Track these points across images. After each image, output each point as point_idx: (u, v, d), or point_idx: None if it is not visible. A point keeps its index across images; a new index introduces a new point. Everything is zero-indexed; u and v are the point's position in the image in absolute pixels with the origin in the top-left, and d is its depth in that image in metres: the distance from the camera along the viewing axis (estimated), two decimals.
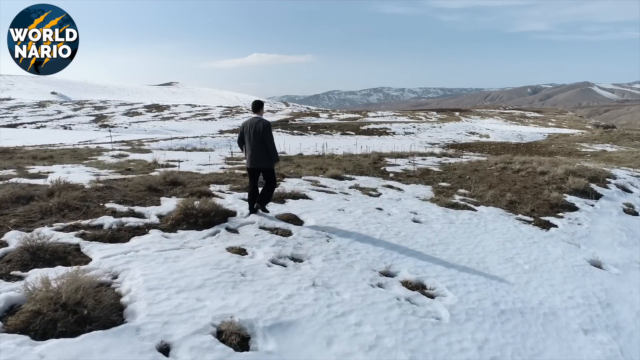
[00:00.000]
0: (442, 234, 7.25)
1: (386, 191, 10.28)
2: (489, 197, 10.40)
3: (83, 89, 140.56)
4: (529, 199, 10.55)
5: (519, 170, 13.65)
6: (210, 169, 12.37)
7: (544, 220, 9.15)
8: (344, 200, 8.63)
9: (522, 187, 11.54)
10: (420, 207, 8.96)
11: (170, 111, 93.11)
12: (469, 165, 15.57)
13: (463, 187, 11.51)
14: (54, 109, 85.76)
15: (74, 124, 64.25)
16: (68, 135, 49.50)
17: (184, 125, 76.10)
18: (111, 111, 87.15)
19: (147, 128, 65.85)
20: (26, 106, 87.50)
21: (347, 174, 12.61)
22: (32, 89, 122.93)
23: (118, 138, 44.90)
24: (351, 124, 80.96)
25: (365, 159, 17.07)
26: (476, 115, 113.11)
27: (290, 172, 11.96)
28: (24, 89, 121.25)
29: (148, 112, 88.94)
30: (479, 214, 8.98)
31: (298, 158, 17.68)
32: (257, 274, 4.58)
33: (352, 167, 14.41)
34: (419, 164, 16.37)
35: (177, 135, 57.86)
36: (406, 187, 11.07)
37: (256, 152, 6.50)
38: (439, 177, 13.21)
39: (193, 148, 28.90)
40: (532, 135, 71.23)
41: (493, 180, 12.50)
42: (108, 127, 63.17)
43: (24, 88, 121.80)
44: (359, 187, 10.29)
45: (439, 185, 11.75)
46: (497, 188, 11.44)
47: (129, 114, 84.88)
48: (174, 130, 64.96)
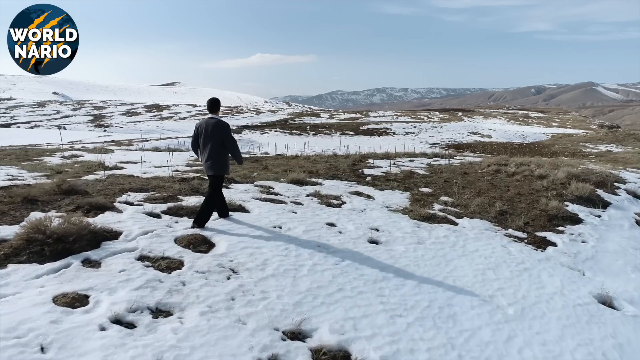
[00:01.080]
0: (402, 260, 5.48)
1: (352, 199, 8.52)
2: (475, 207, 8.61)
3: (85, 89, 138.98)
4: (523, 208, 8.75)
5: (514, 173, 11.82)
6: (158, 172, 10.67)
7: (539, 237, 7.36)
8: (289, 213, 6.87)
9: (515, 194, 9.73)
10: (387, 220, 7.19)
11: (169, 111, 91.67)
12: (459, 167, 13.77)
13: (447, 194, 9.73)
14: (53, 108, 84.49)
15: (69, 124, 62.77)
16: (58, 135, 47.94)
17: (182, 125, 74.55)
18: (110, 111, 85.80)
19: (143, 128, 64.33)
20: (25, 106, 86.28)
21: (315, 178, 10.88)
22: (34, 89, 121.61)
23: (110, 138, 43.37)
24: (351, 124, 79.18)
25: (345, 159, 15.31)
26: (479, 115, 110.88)
27: (247, 175, 10.23)
28: (26, 89, 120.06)
29: (147, 112, 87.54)
30: (459, 230, 7.20)
31: (273, 159, 15.94)
32: (67, 347, 2.85)
33: (326, 169, 12.67)
34: (405, 166, 14.60)
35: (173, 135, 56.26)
36: (379, 194, 9.30)
37: (212, 157, 5.79)
38: (422, 181, 11.43)
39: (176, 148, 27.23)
40: (535, 135, 69.11)
41: (483, 185, 10.69)
42: (103, 127, 61.73)
43: (25, 88, 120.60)
44: (319, 195, 8.53)
45: (419, 192, 9.97)
46: (486, 195, 9.64)
47: (128, 113, 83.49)
48: (171, 130, 63.37)
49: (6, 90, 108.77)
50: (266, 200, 7.60)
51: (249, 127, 74.19)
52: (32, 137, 43.24)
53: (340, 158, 16.11)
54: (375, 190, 9.82)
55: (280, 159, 16.15)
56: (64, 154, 14.78)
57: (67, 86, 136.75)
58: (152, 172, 10.83)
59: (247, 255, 4.79)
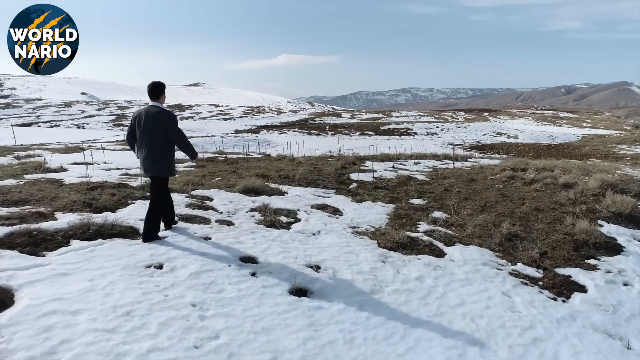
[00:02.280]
0: (326, 332, 3.36)
1: (310, 216, 6.41)
2: (475, 228, 6.37)
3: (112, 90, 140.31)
4: (540, 231, 6.46)
5: (533, 181, 9.44)
6: (102, 177, 8.82)
7: (561, 277, 5.09)
8: (192, 241, 4.81)
9: (532, 210, 7.41)
10: (340, 251, 5.05)
11: (191, 111, 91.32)
12: (466, 172, 11.45)
13: (442, 208, 7.50)
14: (79, 108, 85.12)
15: (89, 123, 62.65)
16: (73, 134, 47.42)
17: (201, 125, 73.81)
18: (133, 111, 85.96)
19: None
20: (52, 106, 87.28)
21: (287, 184, 8.84)
22: (63, 89, 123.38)
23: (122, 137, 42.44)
24: (371, 124, 76.77)
25: (337, 162, 13.19)
26: (506, 116, 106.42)
27: (194, 182, 8.24)
28: (56, 89, 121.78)
29: None
30: (444, 266, 5.01)
31: (257, 161, 13.96)
32: None
33: (306, 173, 10.59)
34: (406, 170, 12.39)
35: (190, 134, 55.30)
36: (351, 208, 7.15)
37: (151, 153, 4.73)
38: (417, 189, 9.22)
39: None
40: (564, 136, 65.14)
41: (491, 196, 8.39)
42: (122, 126, 61.33)
43: (55, 89, 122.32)
44: (267, 210, 6.44)
45: (408, 204, 7.78)
46: (492, 210, 7.38)
47: None
48: (188, 129, 62.45)
49: (37, 91, 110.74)
50: (184, 220, 5.60)
51: (267, 127, 72.83)
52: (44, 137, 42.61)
53: (333, 160, 13.99)
54: (350, 202, 7.68)
55: (261, 161, 14.15)
56: (21, 153, 13.18)
57: (96, 87, 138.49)
58: (98, 175, 9.00)
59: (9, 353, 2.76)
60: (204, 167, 11.60)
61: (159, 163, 4.75)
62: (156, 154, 4.71)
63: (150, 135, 4.68)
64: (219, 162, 12.73)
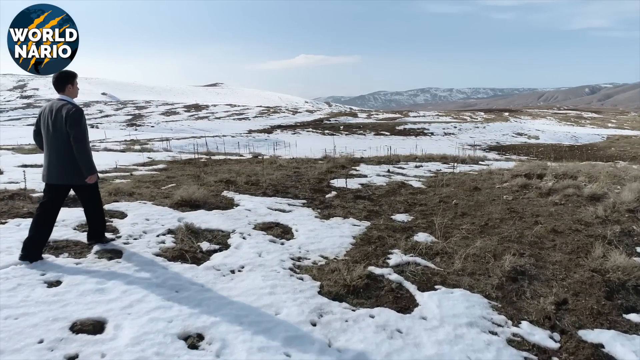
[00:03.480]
0: None
1: (245, 242, 4.76)
2: (467, 260, 4.62)
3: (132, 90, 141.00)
4: (558, 265, 4.66)
5: (550, 191, 7.56)
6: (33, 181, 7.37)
7: (588, 351, 3.32)
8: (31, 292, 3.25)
9: (547, 232, 5.59)
10: (251, 304, 3.35)
11: (207, 111, 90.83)
12: (471, 178, 9.62)
13: (431, 227, 5.75)
14: (97, 108, 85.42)
15: (102, 123, 62.37)
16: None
17: (215, 125, 73.12)
18: (150, 111, 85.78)
19: (174, 127, 63.08)
20: None
21: (249, 192, 7.24)
22: (85, 90, 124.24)
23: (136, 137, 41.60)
24: (387, 124, 74.75)
25: (325, 164, 11.50)
26: (527, 116, 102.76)
27: (124, 192, 6.68)
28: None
29: (186, 111, 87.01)
30: (410, 329, 3.28)
31: (235, 163, 12.36)
32: None
33: (282, 178, 8.96)
34: (402, 174, 10.63)
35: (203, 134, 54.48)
36: (311, 228, 5.46)
37: (57, 156, 3.87)
38: (406, 200, 7.47)
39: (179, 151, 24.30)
40: (588, 137, 61.93)
41: (496, 211, 6.59)
42: (135, 126, 60.86)
43: None
44: (189, 233, 4.83)
45: (389, 221, 6.05)
46: (495, 232, 5.59)
47: (167, 113, 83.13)
48: (202, 129, 61.78)
49: None
50: (53, 249, 4.02)
51: (281, 127, 71.57)
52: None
53: (321, 163, 12.31)
54: (314, 218, 6.00)
55: (248, 162, 12.56)
56: None
57: (116, 87, 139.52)
58: (33, 180, 7.56)
59: None
60: (167, 170, 10.09)
61: (67, 168, 3.87)
62: (62, 158, 3.88)
63: (52, 134, 3.89)
64: (189, 165, 11.20)
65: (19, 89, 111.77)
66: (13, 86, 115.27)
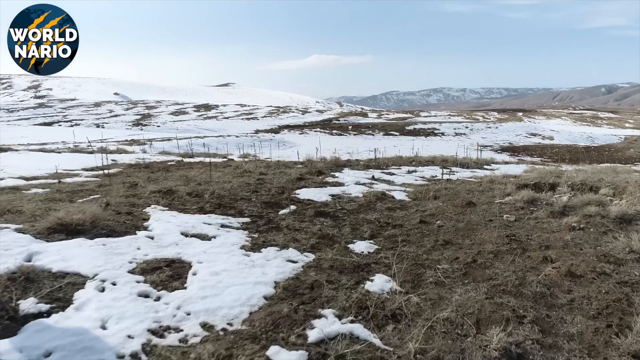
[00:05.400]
0: None
1: (102, 297, 3.16)
2: (434, 332, 2.94)
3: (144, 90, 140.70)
4: (575, 343, 2.94)
5: (566, 209, 5.79)
6: None
7: None
8: None
9: (560, 277, 3.83)
10: None
11: (216, 111, 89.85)
12: (467, 189, 7.85)
13: (398, 264, 4.08)
14: (108, 108, 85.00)
15: (109, 122, 61.59)
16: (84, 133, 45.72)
17: (222, 125, 72.00)
18: (160, 111, 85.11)
19: (180, 127, 62.07)
20: (83, 106, 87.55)
21: (188, 205, 5.64)
22: (97, 90, 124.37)
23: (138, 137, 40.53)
24: (396, 124, 72.76)
25: (300, 169, 9.83)
26: (541, 116, 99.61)
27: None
28: (90, 90, 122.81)
29: (195, 111, 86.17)
30: None
31: (186, 169, 10.77)
32: None
33: (238, 187, 7.34)
34: (388, 181, 8.94)
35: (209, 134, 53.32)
36: (220, 269, 3.77)
37: None
38: (379, 219, 5.78)
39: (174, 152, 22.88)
40: (605, 137, 59.11)
41: (491, 238, 4.84)
42: (141, 126, 60.01)
43: (89, 89, 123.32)
44: (30, 278, 3.24)
45: (342, 253, 4.38)
46: (485, 275, 3.86)
47: (176, 113, 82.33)
48: (208, 129, 60.67)
49: (72, 91, 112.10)
50: None
51: (290, 126, 70.09)
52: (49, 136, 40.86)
53: (296, 168, 10.66)
54: (237, 250, 4.34)
55: (214, 167, 10.96)
56: None
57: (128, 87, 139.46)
58: None
59: None
60: (114, 176, 8.56)
61: None
62: None
63: None
64: (145, 170, 9.65)
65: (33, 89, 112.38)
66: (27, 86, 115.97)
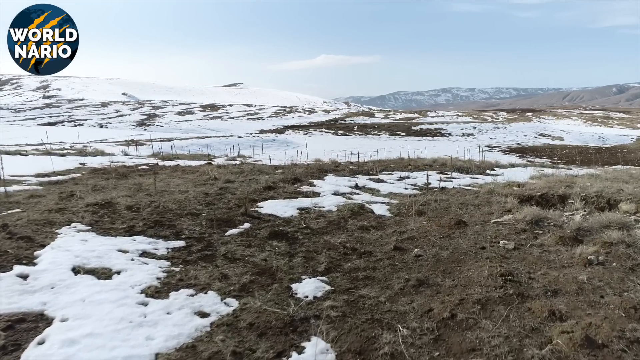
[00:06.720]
0: None
1: None
2: None
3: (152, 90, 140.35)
4: None
5: (579, 233, 4.56)
6: None
7: None
8: None
9: (574, 348, 2.67)
10: None
11: (222, 111, 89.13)
12: (460, 202, 6.65)
13: (345, 319, 2.94)
14: (114, 108, 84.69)
15: (113, 122, 61.02)
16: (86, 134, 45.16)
17: (227, 125, 71.19)
18: (166, 111, 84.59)
19: (184, 127, 61.35)
20: (90, 106, 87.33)
21: (117, 224, 4.56)
22: (106, 90, 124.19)
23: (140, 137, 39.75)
24: (403, 124, 71.30)
25: (278, 176, 8.71)
26: (551, 116, 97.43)
27: None
28: (98, 90, 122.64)
29: (201, 111, 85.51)
30: None
31: (149, 173, 9.71)
32: None
33: (194, 197, 6.25)
34: (373, 191, 7.77)
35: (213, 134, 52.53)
36: (74, 337, 2.73)
37: None
38: (346, 243, 4.64)
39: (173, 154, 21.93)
40: (616, 138, 57.21)
41: (480, 278, 3.67)
42: (144, 126, 59.41)
43: (98, 89, 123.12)
44: None
45: (278, 301, 3.26)
46: (464, 344, 2.72)
47: (182, 113, 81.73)
48: (212, 129, 59.82)
49: (80, 91, 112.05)
50: None
51: (295, 127, 68.98)
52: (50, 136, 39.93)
53: (269, 176, 9.52)
54: (135, 296, 3.22)
55: (180, 172, 9.87)
56: None
57: (136, 87, 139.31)
58: None
59: None
60: (62, 184, 7.51)
61: None
62: None
63: None
64: (100, 175, 8.59)
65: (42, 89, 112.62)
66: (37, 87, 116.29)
